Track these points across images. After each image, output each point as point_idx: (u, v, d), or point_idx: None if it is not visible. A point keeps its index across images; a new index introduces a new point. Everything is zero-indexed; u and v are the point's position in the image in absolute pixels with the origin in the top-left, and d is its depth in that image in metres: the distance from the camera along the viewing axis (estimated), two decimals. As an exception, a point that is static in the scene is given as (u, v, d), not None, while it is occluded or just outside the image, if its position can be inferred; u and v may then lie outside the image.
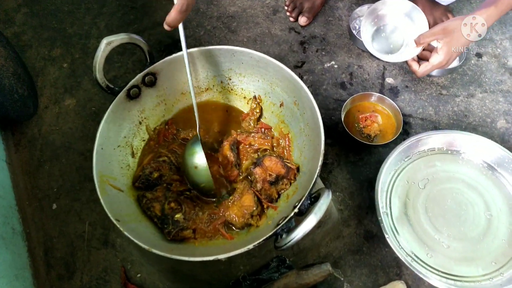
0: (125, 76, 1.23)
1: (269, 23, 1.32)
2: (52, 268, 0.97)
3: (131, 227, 0.71)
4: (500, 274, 0.87)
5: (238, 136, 0.87)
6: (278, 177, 0.79)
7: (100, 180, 0.72)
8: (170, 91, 0.88)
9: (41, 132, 1.16)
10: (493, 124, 1.09)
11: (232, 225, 0.79)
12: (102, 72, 0.75)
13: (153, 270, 0.93)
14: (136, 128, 0.86)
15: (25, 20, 1.39)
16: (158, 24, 1.33)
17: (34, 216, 1.04)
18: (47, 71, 1.27)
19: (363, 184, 1.03)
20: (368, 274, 0.92)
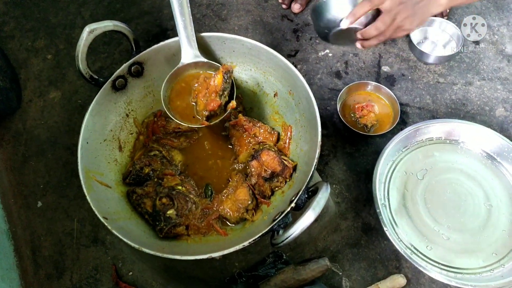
0: (112, 67, 1.18)
1: (260, 10, 1.28)
2: (40, 267, 0.94)
3: (120, 225, 0.67)
4: (501, 266, 0.85)
5: (245, 123, 0.82)
6: (273, 174, 0.76)
7: (86, 176, 0.69)
8: (158, 82, 0.84)
9: (26, 126, 1.11)
10: (492, 113, 1.07)
11: (227, 220, 0.76)
12: (85, 62, 0.71)
13: (145, 268, 0.90)
14: (123, 121, 0.82)
15: (6, 9, 1.33)
16: (145, 13, 1.28)
17: (20, 214, 1.00)
18: (30, 62, 1.22)
19: (360, 175, 1.00)
20: (367, 267, 0.90)
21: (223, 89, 0.76)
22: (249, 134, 0.82)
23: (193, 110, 0.79)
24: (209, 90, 0.76)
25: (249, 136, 0.82)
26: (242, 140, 0.82)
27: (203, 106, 0.77)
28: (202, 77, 0.79)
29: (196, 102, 0.79)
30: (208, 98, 0.76)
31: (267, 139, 0.81)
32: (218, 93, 0.75)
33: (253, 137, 0.82)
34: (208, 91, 0.76)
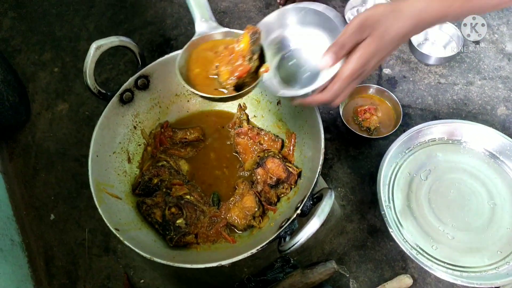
0: (118, 78, 1.21)
1: (262, 17, 1.28)
2: (53, 277, 0.96)
3: (131, 235, 0.69)
4: (506, 263, 0.86)
5: (249, 131, 0.83)
6: (279, 181, 0.78)
7: (97, 189, 0.71)
8: (164, 93, 0.87)
9: (35, 139, 1.14)
10: (493, 112, 1.08)
11: (234, 227, 0.77)
12: (93, 78, 0.74)
13: (156, 275, 0.92)
14: (131, 133, 0.84)
15: (13, 24, 1.36)
16: (149, 24, 1.30)
17: (32, 225, 1.02)
18: (37, 76, 1.25)
19: (364, 178, 1.01)
20: (374, 269, 0.91)
21: (252, 52, 0.64)
22: (254, 142, 0.84)
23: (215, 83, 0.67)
24: (234, 56, 0.64)
25: (254, 144, 0.83)
26: (247, 148, 0.84)
27: (228, 75, 0.65)
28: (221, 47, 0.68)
29: (218, 74, 0.66)
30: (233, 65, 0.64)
31: (272, 147, 0.83)
32: (245, 57, 0.64)
33: (258, 145, 0.83)
34: (233, 57, 0.64)
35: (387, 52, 0.63)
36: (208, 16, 0.70)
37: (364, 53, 0.60)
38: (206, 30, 0.70)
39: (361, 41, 0.60)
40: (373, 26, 0.60)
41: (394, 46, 0.63)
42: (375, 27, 0.60)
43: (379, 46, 0.61)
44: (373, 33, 0.60)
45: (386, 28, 0.60)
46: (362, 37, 0.60)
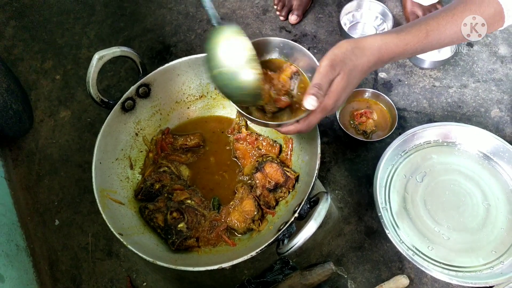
0: (119, 85, 1.23)
1: (259, 23, 1.32)
2: (58, 281, 0.98)
3: (134, 240, 0.72)
4: (500, 263, 0.88)
5: (248, 137, 0.86)
6: (277, 185, 0.80)
7: (100, 195, 0.73)
8: (164, 101, 0.89)
9: (38, 146, 1.16)
10: (487, 114, 1.10)
11: (234, 230, 0.80)
12: (95, 87, 0.76)
13: (158, 278, 0.94)
14: (133, 140, 0.86)
15: (15, 33, 1.38)
16: (148, 31, 1.32)
17: (36, 231, 1.04)
18: (40, 84, 1.27)
19: (361, 180, 1.04)
20: (371, 269, 0.93)
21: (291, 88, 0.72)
22: (252, 147, 0.86)
23: None
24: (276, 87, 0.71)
25: (252, 149, 0.86)
26: (246, 153, 0.86)
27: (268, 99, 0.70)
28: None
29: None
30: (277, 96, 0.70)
31: (270, 151, 0.85)
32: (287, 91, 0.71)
33: (256, 150, 0.86)
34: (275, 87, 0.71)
35: (354, 85, 0.70)
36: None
37: (337, 89, 0.66)
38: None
39: (333, 79, 0.66)
40: (341, 65, 0.66)
41: (360, 79, 0.70)
42: (344, 65, 0.66)
43: (348, 81, 0.67)
44: (343, 70, 0.66)
45: (353, 65, 0.67)
46: (334, 76, 0.66)
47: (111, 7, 1.40)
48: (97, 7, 1.41)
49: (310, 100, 0.64)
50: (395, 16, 1.25)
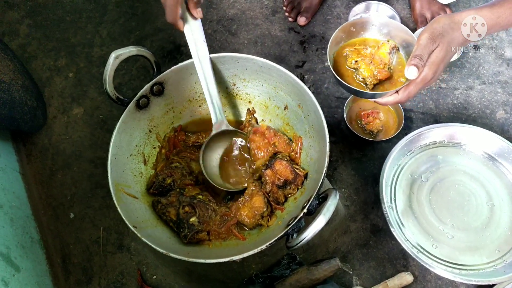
0: (130, 83, 1.26)
1: (268, 24, 1.34)
2: (70, 274, 1.01)
3: (147, 232, 0.74)
4: (503, 261, 0.90)
5: (266, 131, 0.88)
6: (286, 182, 0.82)
7: (115, 189, 0.75)
8: (177, 99, 0.91)
9: (52, 141, 1.19)
10: (493, 115, 1.12)
11: (244, 225, 0.82)
12: (112, 85, 0.78)
13: (168, 272, 0.97)
14: (146, 136, 0.89)
15: (29, 31, 1.41)
16: (159, 30, 1.35)
17: (49, 224, 1.07)
18: (53, 81, 1.30)
19: (367, 179, 1.05)
20: (376, 266, 0.95)
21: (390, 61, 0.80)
22: (268, 143, 0.87)
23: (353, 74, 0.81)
24: (374, 59, 0.79)
25: (268, 145, 0.87)
26: (260, 147, 0.87)
27: (369, 72, 0.78)
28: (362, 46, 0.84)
29: (358, 68, 0.80)
30: (376, 67, 0.78)
31: (285, 150, 0.87)
32: (386, 64, 0.79)
33: (272, 146, 0.87)
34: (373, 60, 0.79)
35: (449, 57, 0.76)
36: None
37: (435, 61, 0.72)
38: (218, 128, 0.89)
39: (433, 51, 0.72)
40: (440, 37, 0.72)
41: (454, 52, 0.76)
42: (442, 38, 0.72)
43: (446, 53, 0.73)
44: (442, 43, 0.72)
45: (450, 38, 0.73)
46: (433, 48, 0.72)
47: (123, 7, 1.42)
48: (109, 6, 1.43)
49: (411, 70, 0.69)
50: (402, 18, 1.27)
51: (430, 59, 0.72)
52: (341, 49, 0.84)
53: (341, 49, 0.84)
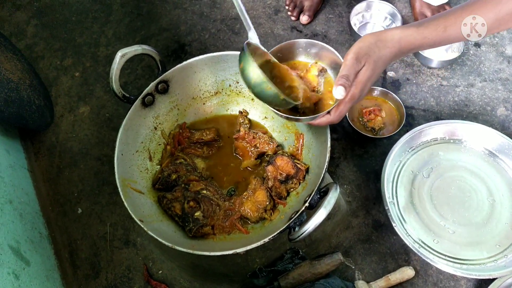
0: (136, 82, 1.28)
1: (271, 23, 1.36)
2: (78, 268, 1.03)
3: (154, 226, 0.76)
4: (504, 256, 0.91)
5: (246, 135, 0.91)
6: (288, 177, 0.84)
7: (122, 184, 0.77)
8: (182, 97, 0.93)
9: (59, 140, 1.21)
10: (493, 112, 1.13)
11: (247, 219, 0.84)
12: (118, 83, 0.80)
13: (173, 266, 0.99)
14: (152, 133, 0.91)
15: (36, 32, 1.43)
16: (164, 30, 1.37)
17: (57, 220, 1.09)
18: (60, 80, 1.32)
19: (369, 176, 1.07)
20: (378, 261, 0.96)
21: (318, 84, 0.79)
22: (250, 145, 0.91)
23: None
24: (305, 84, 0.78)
25: (251, 146, 0.91)
26: (245, 151, 0.92)
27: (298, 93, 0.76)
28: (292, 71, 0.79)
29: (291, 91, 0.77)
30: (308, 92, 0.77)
31: (269, 150, 0.90)
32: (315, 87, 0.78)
33: (254, 147, 0.91)
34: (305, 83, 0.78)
35: (377, 76, 0.75)
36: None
37: (363, 79, 0.72)
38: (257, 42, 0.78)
39: (359, 70, 0.72)
40: (366, 57, 0.72)
41: (382, 69, 0.76)
42: (368, 57, 0.72)
43: (373, 71, 0.73)
44: (368, 62, 0.72)
45: (377, 57, 0.72)
46: (359, 67, 0.72)
47: (128, 7, 1.45)
48: (115, 7, 1.46)
49: (339, 90, 0.69)
50: (404, 17, 1.28)
51: (357, 79, 0.71)
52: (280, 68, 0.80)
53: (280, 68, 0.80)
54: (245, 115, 0.96)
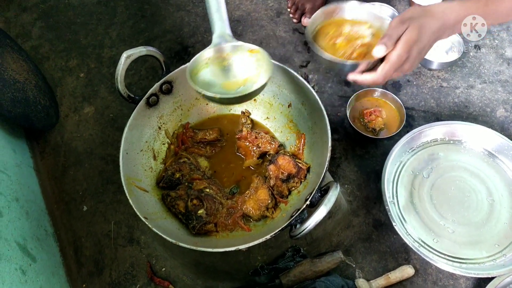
0: (139, 83, 1.30)
1: (273, 25, 1.37)
2: (82, 265, 1.04)
3: (158, 224, 0.77)
4: (503, 255, 0.92)
5: (249, 135, 0.93)
6: (290, 176, 0.86)
7: (127, 182, 0.79)
8: (185, 97, 0.95)
9: (64, 139, 1.23)
10: (493, 113, 1.14)
11: (250, 217, 0.85)
12: (123, 84, 0.82)
13: (176, 264, 1.00)
14: (156, 133, 0.93)
15: (41, 33, 1.46)
16: (167, 32, 1.39)
17: (62, 218, 1.11)
18: (65, 81, 1.34)
19: (370, 176, 1.08)
20: (378, 260, 0.98)
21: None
22: (252, 145, 0.93)
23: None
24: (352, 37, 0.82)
25: (253, 146, 0.93)
26: (247, 150, 0.93)
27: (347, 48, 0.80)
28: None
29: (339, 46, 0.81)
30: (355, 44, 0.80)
31: (271, 149, 0.92)
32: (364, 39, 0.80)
33: (256, 147, 0.93)
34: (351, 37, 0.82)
35: (424, 44, 0.75)
36: (226, 31, 0.77)
37: (407, 39, 0.72)
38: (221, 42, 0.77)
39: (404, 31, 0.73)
40: (410, 20, 0.73)
41: (429, 40, 0.76)
42: (412, 20, 0.73)
43: (418, 34, 0.73)
44: (411, 24, 0.73)
45: (422, 22, 0.74)
46: (403, 29, 0.73)
47: (132, 9, 1.47)
48: (119, 9, 1.48)
49: (379, 48, 0.71)
50: (404, 19, 1.30)
51: (402, 39, 0.72)
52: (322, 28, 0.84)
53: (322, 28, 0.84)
54: (247, 115, 0.97)
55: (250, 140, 0.93)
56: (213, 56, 0.75)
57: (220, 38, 0.75)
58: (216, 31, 0.76)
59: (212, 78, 0.74)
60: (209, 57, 0.75)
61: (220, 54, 0.76)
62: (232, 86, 0.74)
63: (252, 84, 0.73)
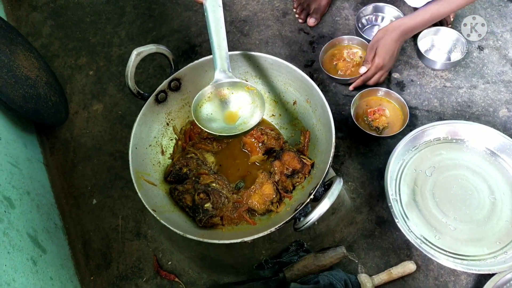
0: (147, 81, 1.32)
1: (279, 25, 1.39)
2: (90, 258, 1.07)
3: (166, 216, 0.80)
4: (504, 253, 0.93)
5: (254, 132, 0.94)
6: (294, 171, 0.88)
7: (136, 176, 0.81)
8: (193, 94, 0.96)
9: (73, 135, 1.26)
10: (496, 113, 1.15)
11: (255, 211, 0.87)
12: (133, 80, 0.84)
13: (182, 257, 1.02)
14: (164, 129, 0.95)
15: (51, 31, 1.48)
16: (175, 31, 1.41)
17: (71, 212, 1.14)
18: (74, 79, 1.37)
19: (373, 173, 1.10)
20: (381, 256, 0.99)
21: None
22: (258, 141, 0.95)
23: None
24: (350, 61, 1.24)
25: (259, 142, 0.95)
26: (253, 146, 0.95)
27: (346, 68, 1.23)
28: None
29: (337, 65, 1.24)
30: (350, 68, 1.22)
31: (275, 146, 0.94)
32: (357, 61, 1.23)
33: (262, 143, 0.95)
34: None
35: (392, 51, 1.12)
36: (226, 68, 0.83)
37: (378, 56, 1.12)
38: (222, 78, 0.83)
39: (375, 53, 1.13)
40: (377, 44, 1.13)
41: (393, 48, 1.12)
42: (378, 44, 1.12)
43: (384, 50, 1.12)
44: (379, 46, 1.12)
45: (384, 40, 1.11)
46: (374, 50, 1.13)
47: (140, 9, 1.49)
48: (127, 8, 1.50)
49: (362, 68, 1.16)
50: (409, 20, 1.31)
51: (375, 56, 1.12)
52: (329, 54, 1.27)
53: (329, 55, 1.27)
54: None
55: (256, 137, 0.95)
56: (214, 91, 0.83)
57: (220, 74, 0.82)
58: (217, 68, 0.82)
59: (215, 109, 0.83)
60: (211, 92, 0.83)
61: (220, 89, 0.83)
62: (233, 116, 0.83)
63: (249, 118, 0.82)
